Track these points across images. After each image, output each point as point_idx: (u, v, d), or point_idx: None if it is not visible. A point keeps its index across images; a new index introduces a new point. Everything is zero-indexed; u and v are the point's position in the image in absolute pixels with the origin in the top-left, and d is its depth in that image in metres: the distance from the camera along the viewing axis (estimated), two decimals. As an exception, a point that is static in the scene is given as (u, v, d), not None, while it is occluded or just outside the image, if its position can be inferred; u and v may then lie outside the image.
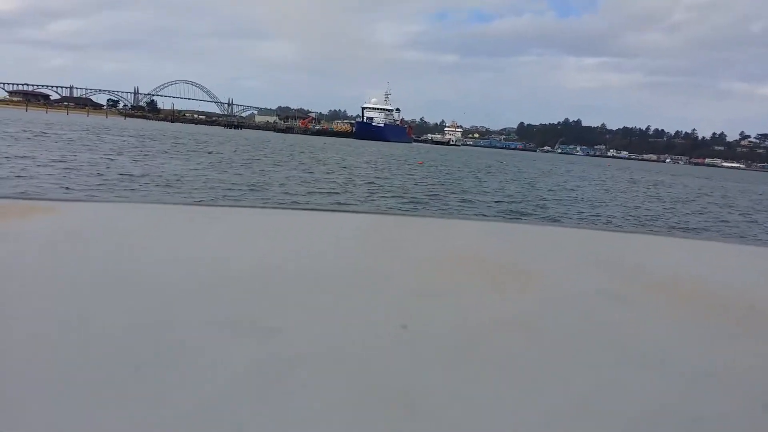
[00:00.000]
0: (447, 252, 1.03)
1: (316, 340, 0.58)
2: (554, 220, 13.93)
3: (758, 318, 0.78)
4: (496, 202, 17.44)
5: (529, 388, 0.52)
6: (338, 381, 0.51)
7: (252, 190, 15.35)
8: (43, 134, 34.18)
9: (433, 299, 0.74)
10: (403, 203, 15.34)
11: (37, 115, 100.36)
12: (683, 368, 0.59)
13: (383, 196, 16.35)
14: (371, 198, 15.82)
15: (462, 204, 16.14)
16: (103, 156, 21.59)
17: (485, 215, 13.15)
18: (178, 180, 15.71)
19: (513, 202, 17.93)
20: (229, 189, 14.98)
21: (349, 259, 0.95)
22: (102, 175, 15.46)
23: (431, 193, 18.09)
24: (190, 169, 19.18)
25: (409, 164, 37.88)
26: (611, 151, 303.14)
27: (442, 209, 14.84)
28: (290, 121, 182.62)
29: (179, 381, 0.48)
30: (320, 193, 15.83)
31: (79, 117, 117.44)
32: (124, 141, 34.75)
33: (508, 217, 12.99)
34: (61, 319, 0.59)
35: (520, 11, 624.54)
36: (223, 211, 1.27)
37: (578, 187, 28.79)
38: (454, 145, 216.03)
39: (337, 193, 16.19)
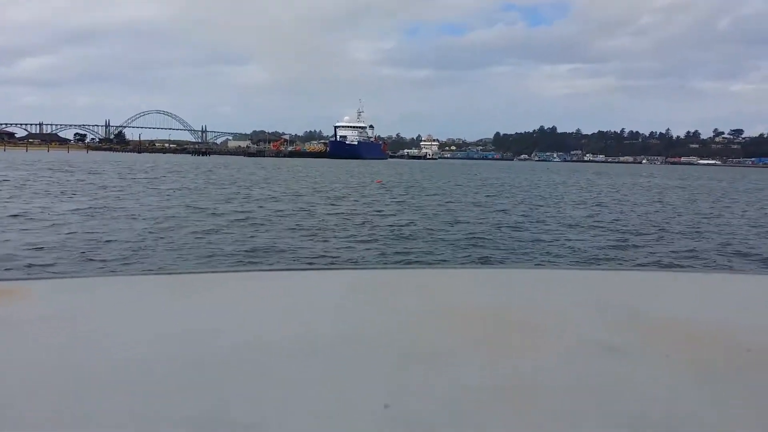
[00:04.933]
0: (437, 305, 0.98)
1: None
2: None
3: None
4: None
5: None
6: None
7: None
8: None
9: (425, 363, 0.70)
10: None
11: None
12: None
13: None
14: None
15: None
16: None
17: (474, 262, 10.44)
18: None
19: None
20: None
21: (331, 322, 0.89)
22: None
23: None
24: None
25: (364, 186, 33.48)
26: (588, 155, 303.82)
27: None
28: (262, 145, 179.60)
29: None
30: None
31: (37, 153, 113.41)
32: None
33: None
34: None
35: (491, 22, 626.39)
36: (205, 279, 1.20)
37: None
38: (431, 158, 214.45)
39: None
